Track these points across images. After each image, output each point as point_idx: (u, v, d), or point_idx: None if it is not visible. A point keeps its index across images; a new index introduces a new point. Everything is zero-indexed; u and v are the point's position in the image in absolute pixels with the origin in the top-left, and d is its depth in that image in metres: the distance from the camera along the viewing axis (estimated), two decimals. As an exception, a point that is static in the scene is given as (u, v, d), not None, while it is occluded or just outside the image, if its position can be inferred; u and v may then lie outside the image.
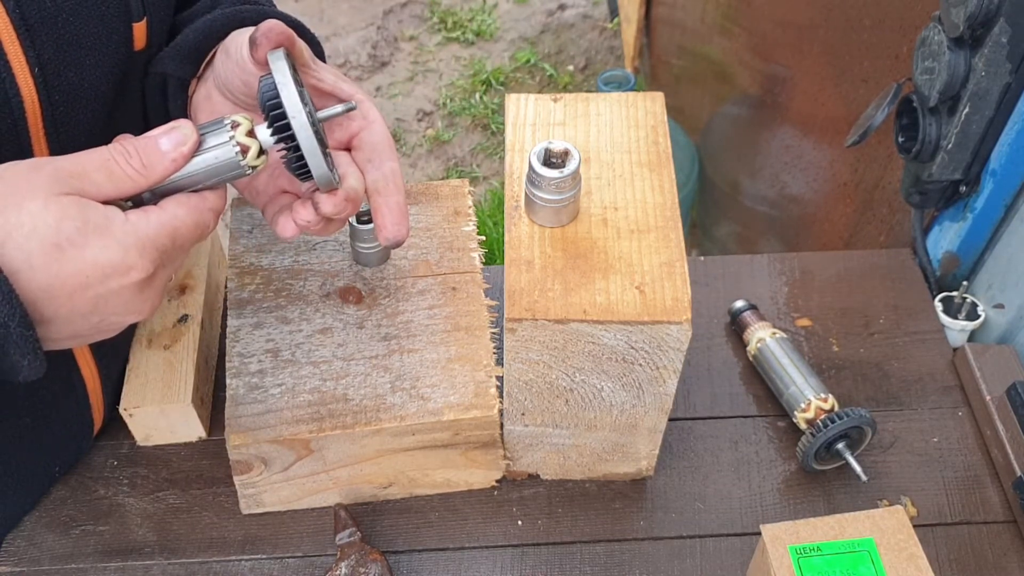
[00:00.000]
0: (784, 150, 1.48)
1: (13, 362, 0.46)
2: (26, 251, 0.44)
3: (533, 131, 0.69)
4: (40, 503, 0.74)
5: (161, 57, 0.62)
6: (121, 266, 0.47)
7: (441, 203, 0.80)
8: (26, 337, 0.45)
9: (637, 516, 0.74)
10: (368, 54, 2.72)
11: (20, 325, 0.45)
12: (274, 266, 0.75)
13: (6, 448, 0.68)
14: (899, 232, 1.03)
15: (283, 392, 0.68)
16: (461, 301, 0.73)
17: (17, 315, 0.44)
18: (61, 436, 0.72)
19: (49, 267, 0.45)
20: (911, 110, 0.82)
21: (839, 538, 0.60)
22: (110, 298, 0.48)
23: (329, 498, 0.73)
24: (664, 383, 0.64)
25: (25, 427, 0.68)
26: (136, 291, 0.48)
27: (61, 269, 0.45)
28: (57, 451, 0.74)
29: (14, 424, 0.68)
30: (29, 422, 0.68)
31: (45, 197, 0.45)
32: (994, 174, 0.80)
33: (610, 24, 2.79)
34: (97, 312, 0.48)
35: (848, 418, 0.72)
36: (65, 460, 0.75)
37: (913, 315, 0.87)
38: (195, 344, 0.76)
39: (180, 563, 0.71)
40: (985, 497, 0.75)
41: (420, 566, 0.71)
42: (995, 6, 0.70)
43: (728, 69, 1.75)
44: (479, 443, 0.70)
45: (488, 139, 2.50)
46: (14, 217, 0.44)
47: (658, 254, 0.61)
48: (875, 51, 1.11)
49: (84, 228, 0.46)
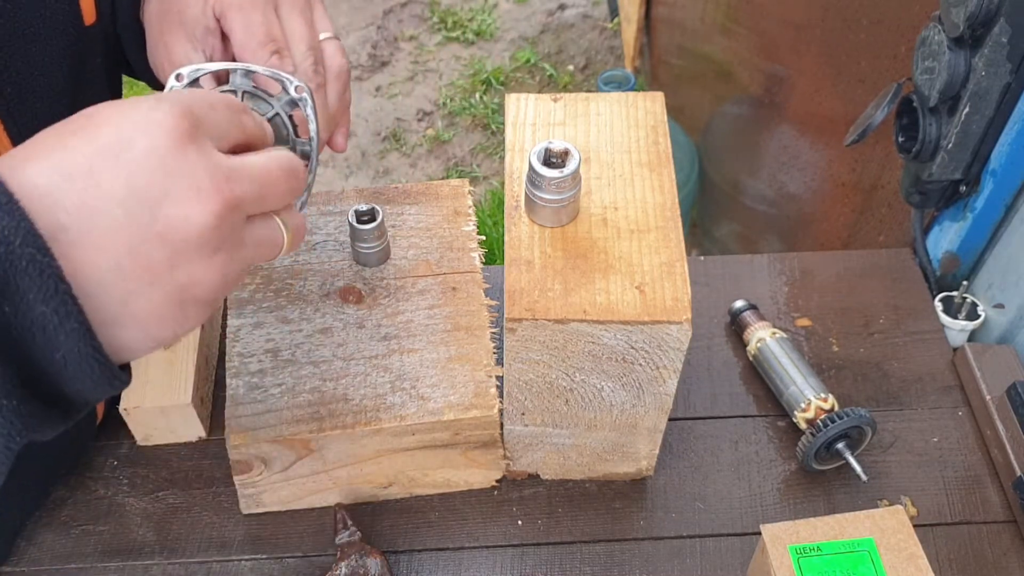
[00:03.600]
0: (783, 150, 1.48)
1: (37, 318, 0.35)
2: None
3: (533, 131, 0.69)
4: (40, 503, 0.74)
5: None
6: (158, 117, 0.38)
7: (441, 203, 0.80)
8: (40, 265, 0.34)
9: (637, 516, 0.74)
10: (368, 54, 2.72)
11: (26, 243, 0.34)
12: (274, 266, 0.75)
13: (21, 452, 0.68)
14: (899, 232, 1.03)
15: (283, 392, 0.68)
16: (461, 301, 0.73)
17: (21, 228, 0.34)
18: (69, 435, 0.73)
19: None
20: (911, 110, 0.82)
21: (839, 538, 0.60)
22: (152, 175, 0.37)
23: (329, 498, 0.73)
24: (664, 383, 0.64)
25: None
26: (181, 161, 0.37)
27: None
28: (64, 450, 0.74)
29: None
30: None
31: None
32: (994, 174, 0.80)
33: (610, 24, 2.79)
34: (141, 203, 0.37)
35: (848, 418, 0.72)
36: (70, 458, 0.75)
37: (913, 315, 0.87)
38: (195, 344, 0.76)
39: (180, 563, 0.71)
40: (985, 497, 0.75)
41: (420, 566, 0.71)
42: (995, 6, 0.70)
43: (728, 69, 1.75)
44: (479, 443, 0.70)
45: (488, 139, 2.50)
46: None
47: (658, 254, 0.61)
48: (873, 51, 1.11)
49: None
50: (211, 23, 0.57)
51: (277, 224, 0.44)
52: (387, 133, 2.52)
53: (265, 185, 0.42)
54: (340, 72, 0.60)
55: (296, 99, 0.52)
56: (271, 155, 0.43)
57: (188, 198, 0.38)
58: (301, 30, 0.57)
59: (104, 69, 0.63)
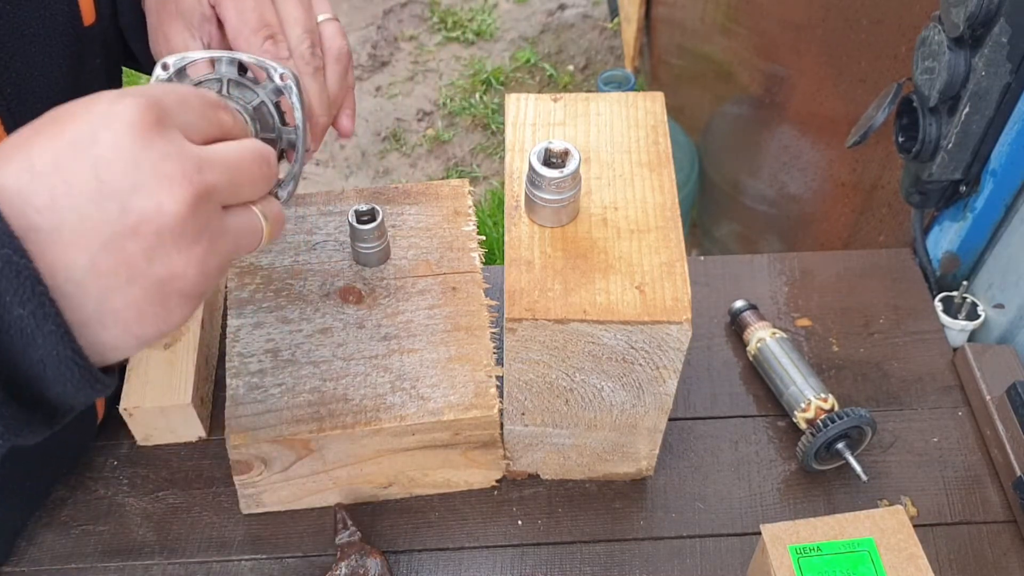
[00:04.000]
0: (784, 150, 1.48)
1: (15, 321, 0.34)
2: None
3: (533, 131, 0.69)
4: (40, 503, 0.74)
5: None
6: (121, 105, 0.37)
7: (441, 203, 0.80)
8: (16, 267, 0.34)
9: (637, 516, 0.74)
10: (368, 54, 2.72)
11: (2, 244, 0.34)
12: (274, 266, 0.75)
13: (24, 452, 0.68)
14: (899, 232, 1.03)
15: (283, 392, 0.68)
16: (461, 301, 0.73)
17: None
18: (70, 435, 0.73)
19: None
20: (911, 110, 0.82)
21: (839, 538, 0.60)
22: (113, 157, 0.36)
23: (329, 498, 0.73)
24: (664, 383, 0.64)
25: None
26: (145, 150, 0.37)
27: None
28: (66, 451, 0.74)
29: None
30: None
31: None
32: (994, 174, 0.80)
33: (610, 24, 2.79)
34: (106, 192, 0.36)
35: (848, 418, 0.72)
36: (70, 458, 0.75)
37: (913, 315, 0.87)
38: (195, 344, 0.76)
39: (180, 563, 0.71)
40: (985, 497, 0.75)
41: (420, 566, 0.71)
42: (995, 6, 0.70)
43: (728, 69, 1.75)
44: (479, 443, 0.70)
45: (488, 139, 2.50)
46: None
47: (658, 254, 0.61)
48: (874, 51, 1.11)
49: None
50: (207, 11, 0.57)
51: (255, 213, 0.43)
52: (387, 133, 2.52)
53: (237, 173, 0.41)
54: (340, 54, 0.59)
55: (281, 87, 0.52)
56: (242, 144, 0.42)
57: (158, 188, 0.37)
58: (296, 13, 0.57)
59: (104, 69, 0.63)
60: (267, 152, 0.44)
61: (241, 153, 0.42)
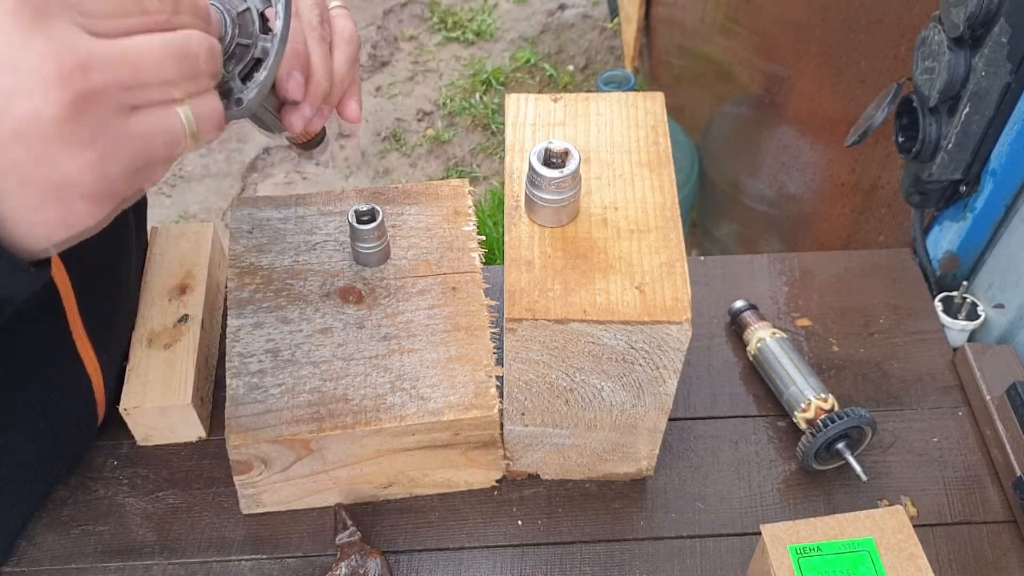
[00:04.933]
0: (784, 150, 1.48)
1: None
2: None
3: (533, 131, 0.69)
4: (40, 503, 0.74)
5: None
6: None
7: (441, 203, 0.80)
8: None
9: (637, 516, 0.74)
10: (368, 54, 2.72)
11: None
12: (274, 266, 0.75)
13: (25, 453, 0.68)
14: (899, 232, 1.03)
15: (283, 392, 0.68)
16: (461, 301, 0.73)
17: None
18: (71, 435, 0.73)
19: None
20: (911, 110, 0.82)
21: (839, 538, 0.60)
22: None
23: (329, 498, 0.73)
24: (664, 383, 0.64)
25: (41, 431, 0.68)
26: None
27: None
28: (66, 450, 0.74)
29: (32, 428, 0.68)
30: (44, 425, 0.69)
31: None
32: (994, 174, 0.80)
33: (610, 24, 2.79)
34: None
35: (848, 418, 0.72)
36: (72, 458, 0.75)
37: (913, 315, 0.87)
38: (195, 344, 0.76)
39: (180, 563, 0.71)
40: (985, 497, 0.75)
41: (420, 566, 0.71)
42: (995, 6, 0.70)
43: (728, 69, 1.75)
44: (479, 443, 0.70)
45: (488, 139, 2.50)
46: None
47: (658, 254, 0.61)
48: (873, 51, 1.11)
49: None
50: None
51: (176, 114, 0.40)
52: (387, 133, 2.52)
53: (139, 70, 0.38)
54: (351, 37, 0.58)
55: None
56: (157, 37, 0.39)
57: (35, 91, 0.35)
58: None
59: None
60: (193, 46, 0.40)
61: (150, 48, 0.38)
